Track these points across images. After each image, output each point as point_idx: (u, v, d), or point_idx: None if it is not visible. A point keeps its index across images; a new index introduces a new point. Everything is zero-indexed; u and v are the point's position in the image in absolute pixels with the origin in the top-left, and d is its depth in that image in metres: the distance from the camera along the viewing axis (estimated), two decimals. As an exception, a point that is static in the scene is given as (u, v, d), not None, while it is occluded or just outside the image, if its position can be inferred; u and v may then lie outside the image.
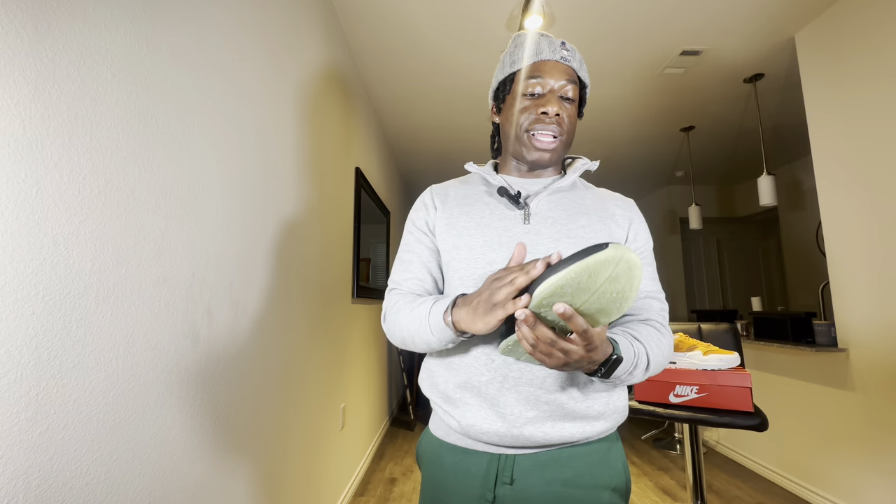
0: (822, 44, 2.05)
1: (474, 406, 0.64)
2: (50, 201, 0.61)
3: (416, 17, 2.06)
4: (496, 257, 0.67)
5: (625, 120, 3.22)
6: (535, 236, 0.68)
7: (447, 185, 0.80)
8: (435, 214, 0.74)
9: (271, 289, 1.31)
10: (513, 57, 0.72)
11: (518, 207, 0.70)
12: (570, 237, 0.68)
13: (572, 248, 0.67)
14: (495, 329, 0.56)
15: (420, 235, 0.75)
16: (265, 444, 1.26)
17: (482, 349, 0.65)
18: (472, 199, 0.74)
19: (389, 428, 3.47)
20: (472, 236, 0.69)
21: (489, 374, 0.63)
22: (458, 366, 0.67)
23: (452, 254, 0.70)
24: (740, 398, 1.33)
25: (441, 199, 0.76)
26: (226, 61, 1.07)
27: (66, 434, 0.63)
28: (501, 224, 0.69)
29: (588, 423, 0.64)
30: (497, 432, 0.62)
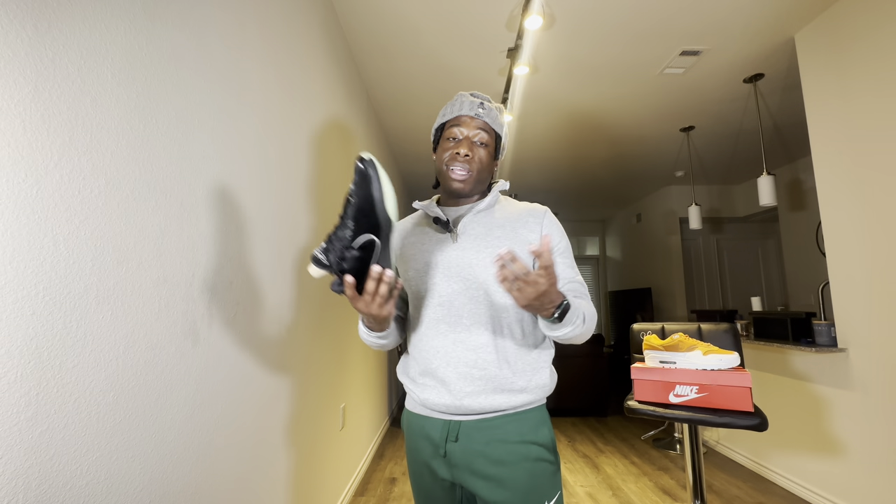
0: (822, 44, 2.05)
1: (430, 385, 0.84)
2: (50, 201, 0.61)
3: (416, 17, 2.06)
4: (434, 272, 0.86)
5: (625, 120, 3.22)
6: (461, 251, 0.86)
7: (405, 221, 0.99)
8: (397, 248, 0.94)
9: (271, 289, 1.31)
10: (444, 111, 0.93)
11: (448, 230, 0.89)
12: (489, 247, 0.85)
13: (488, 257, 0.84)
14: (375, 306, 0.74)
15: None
16: (265, 443, 1.26)
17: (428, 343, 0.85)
18: (417, 231, 0.94)
19: (389, 428, 3.47)
20: (417, 260, 0.89)
21: (438, 362, 0.84)
22: (420, 358, 0.87)
23: (406, 276, 0.90)
24: (740, 398, 1.33)
25: (400, 234, 0.96)
26: (226, 61, 1.07)
27: (66, 434, 0.63)
28: (437, 247, 0.88)
29: (514, 395, 0.82)
30: (445, 403, 0.82)
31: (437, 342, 0.84)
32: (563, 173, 4.56)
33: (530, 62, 2.43)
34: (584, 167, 4.35)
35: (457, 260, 0.85)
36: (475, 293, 0.84)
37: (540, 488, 0.80)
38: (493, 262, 0.82)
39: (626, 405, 1.50)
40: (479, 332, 0.82)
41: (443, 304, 0.84)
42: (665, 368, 1.44)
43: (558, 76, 2.60)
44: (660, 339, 1.55)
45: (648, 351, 1.53)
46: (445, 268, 0.85)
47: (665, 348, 1.49)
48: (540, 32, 2.15)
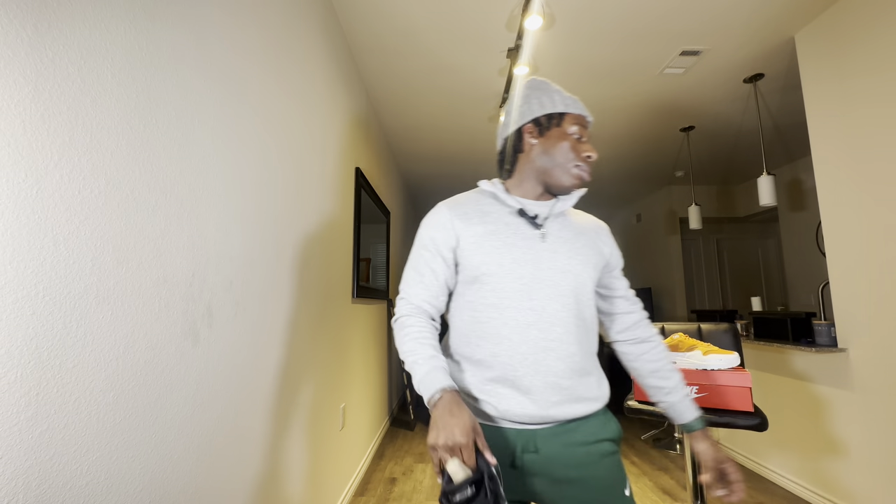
0: (822, 44, 2.05)
1: (507, 395, 0.78)
2: (50, 201, 0.61)
3: (417, 17, 2.06)
4: (523, 272, 0.79)
5: (625, 120, 3.22)
6: (553, 253, 0.82)
7: (461, 204, 0.88)
8: (457, 234, 0.83)
9: (271, 289, 1.31)
10: (564, 99, 0.85)
11: (536, 227, 0.83)
12: (579, 254, 0.84)
13: (579, 264, 0.83)
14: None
15: (438, 254, 0.85)
16: (265, 443, 1.26)
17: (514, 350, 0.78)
18: (492, 219, 0.84)
19: (389, 428, 3.47)
20: (502, 254, 0.80)
21: (523, 370, 0.77)
22: (492, 364, 0.79)
23: (482, 269, 0.81)
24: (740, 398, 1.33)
25: (462, 219, 0.84)
26: (226, 61, 1.07)
27: (66, 434, 0.63)
28: (525, 243, 0.82)
29: (589, 403, 0.81)
30: (528, 414, 0.77)
31: (525, 349, 0.77)
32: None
33: (530, 62, 2.43)
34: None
35: (549, 262, 0.81)
36: (567, 300, 0.80)
37: (618, 480, 0.80)
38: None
39: (625, 405, 1.50)
40: (569, 342, 0.79)
41: (534, 309, 0.79)
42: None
43: (558, 76, 2.60)
44: (660, 339, 1.55)
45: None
46: (536, 268, 0.80)
47: (665, 348, 1.49)
48: (540, 32, 2.15)
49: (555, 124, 0.84)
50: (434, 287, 0.85)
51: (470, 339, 0.82)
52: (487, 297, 0.80)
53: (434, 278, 0.85)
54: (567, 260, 0.82)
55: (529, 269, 0.80)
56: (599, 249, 0.88)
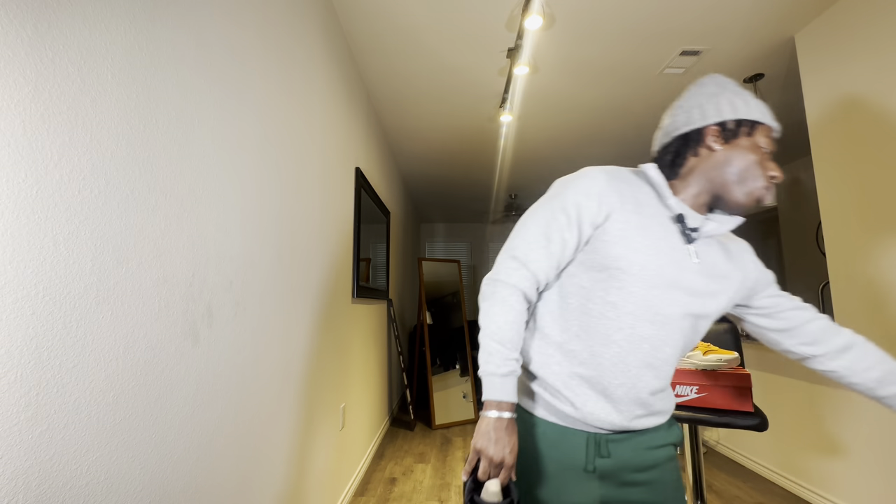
0: (822, 44, 2.05)
1: (593, 398, 0.74)
2: (50, 201, 0.61)
3: (417, 17, 2.06)
4: (659, 283, 0.72)
5: (625, 120, 3.22)
6: (695, 275, 0.75)
7: (620, 180, 0.76)
8: (608, 213, 0.73)
9: (271, 289, 1.31)
10: (760, 108, 0.75)
11: (688, 242, 0.75)
12: (720, 284, 0.77)
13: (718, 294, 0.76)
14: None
15: (577, 225, 0.74)
16: (265, 444, 1.26)
17: (618, 357, 0.73)
18: (646, 213, 0.75)
19: (389, 428, 3.47)
20: (647, 257, 0.72)
21: (622, 380, 0.73)
22: (587, 361, 0.74)
23: (619, 263, 0.72)
24: (740, 398, 1.32)
25: (619, 198, 0.74)
26: (226, 61, 1.07)
27: (66, 434, 0.63)
28: (673, 255, 0.74)
29: (663, 416, 0.80)
30: (612, 422, 0.74)
31: (632, 359, 0.73)
32: (562, 173, 4.56)
33: (530, 62, 2.43)
34: (583, 167, 4.35)
35: (688, 282, 0.74)
36: (685, 324, 0.75)
37: (679, 482, 0.81)
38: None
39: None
40: (671, 363, 0.76)
41: (655, 323, 0.73)
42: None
43: (558, 76, 2.60)
44: (660, 339, 1.55)
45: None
46: (672, 284, 0.73)
47: (665, 348, 1.49)
48: (540, 32, 2.15)
49: (745, 133, 0.74)
50: (557, 258, 0.75)
51: (569, 327, 0.76)
52: (610, 294, 0.73)
53: (562, 249, 0.75)
54: (706, 286, 0.75)
55: (667, 281, 0.72)
56: (743, 278, 0.80)
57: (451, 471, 2.61)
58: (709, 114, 0.75)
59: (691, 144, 0.77)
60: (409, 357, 4.82)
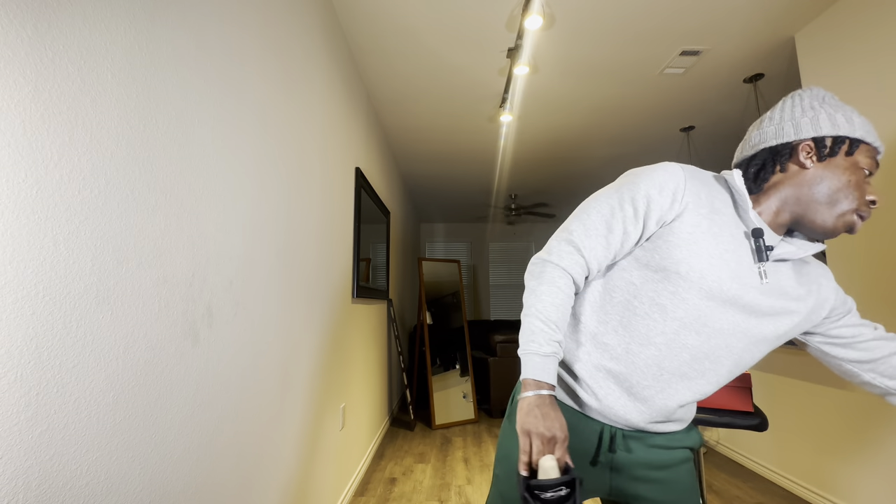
0: (822, 44, 2.05)
1: (616, 393, 0.73)
2: (50, 201, 0.61)
3: (417, 17, 2.06)
4: (716, 295, 0.68)
5: (625, 120, 3.22)
6: (761, 297, 0.70)
7: (698, 180, 0.72)
8: (680, 211, 0.70)
9: (271, 289, 1.31)
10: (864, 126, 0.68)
11: (760, 260, 0.69)
12: (786, 311, 0.71)
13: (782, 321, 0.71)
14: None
15: (642, 219, 0.71)
16: (265, 443, 1.26)
17: (654, 360, 0.71)
18: (720, 221, 0.70)
19: (389, 428, 3.47)
20: (711, 266, 0.68)
21: (652, 382, 0.72)
22: (620, 357, 0.73)
23: (680, 267, 0.69)
24: (740, 398, 1.33)
25: (693, 197, 0.70)
26: (226, 61, 1.07)
27: (66, 434, 0.63)
28: (739, 270, 0.69)
29: (681, 424, 0.80)
30: (628, 420, 0.73)
31: (668, 365, 0.71)
32: (563, 173, 4.56)
33: (530, 62, 2.43)
34: (584, 167, 4.35)
35: (751, 302, 0.69)
36: (735, 343, 0.70)
37: (695, 484, 0.80)
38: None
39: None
40: (709, 380, 0.72)
41: (701, 335, 0.69)
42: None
43: (558, 76, 2.60)
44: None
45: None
46: (730, 300, 0.69)
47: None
48: (540, 32, 2.15)
49: (844, 151, 0.68)
50: (615, 250, 0.72)
51: (609, 320, 0.73)
52: (661, 296, 0.70)
53: (622, 242, 0.72)
54: (769, 308, 0.70)
55: (725, 296, 0.68)
56: (816, 305, 0.74)
57: (451, 471, 2.61)
58: (803, 128, 0.69)
59: (780, 159, 0.71)
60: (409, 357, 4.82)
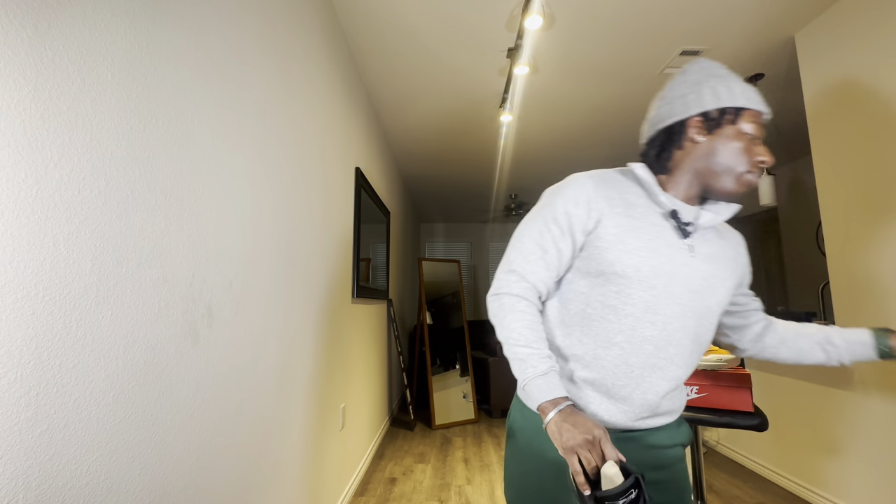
0: (822, 44, 2.05)
1: (597, 400, 0.74)
2: (50, 201, 0.61)
3: (417, 17, 2.06)
4: (657, 283, 0.72)
5: (625, 120, 3.22)
6: (692, 270, 0.74)
7: (608, 184, 0.76)
8: (598, 218, 0.74)
9: (271, 289, 1.31)
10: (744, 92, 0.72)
11: (684, 236, 0.75)
12: (718, 277, 0.76)
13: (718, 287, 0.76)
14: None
15: (569, 234, 0.75)
16: (265, 444, 1.26)
17: (620, 359, 0.73)
18: (639, 213, 0.74)
19: (389, 428, 3.47)
20: (641, 258, 0.72)
21: (626, 381, 0.73)
22: (590, 364, 0.74)
23: (615, 268, 0.72)
24: (740, 398, 1.32)
25: (607, 203, 0.74)
26: (226, 61, 1.07)
27: (66, 434, 0.63)
28: (668, 252, 0.73)
29: (671, 416, 0.79)
30: (615, 422, 0.74)
31: (635, 361, 0.72)
32: (563, 173, 4.56)
33: (530, 62, 2.43)
34: (584, 167, 4.35)
35: (686, 279, 0.73)
36: (689, 322, 0.74)
37: (686, 482, 0.80)
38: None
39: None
40: (678, 364, 0.74)
41: (655, 324, 0.72)
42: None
43: (558, 76, 2.60)
44: (660, 339, 1.55)
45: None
46: (671, 282, 0.72)
47: (665, 348, 1.49)
48: (540, 32, 2.15)
49: (728, 121, 0.72)
50: (555, 268, 0.76)
51: (571, 332, 0.76)
52: (608, 298, 0.73)
53: (558, 259, 0.76)
54: (703, 280, 0.74)
55: (664, 281, 0.72)
56: (739, 271, 0.81)
57: (451, 471, 2.61)
58: (691, 105, 0.73)
59: (675, 138, 0.76)
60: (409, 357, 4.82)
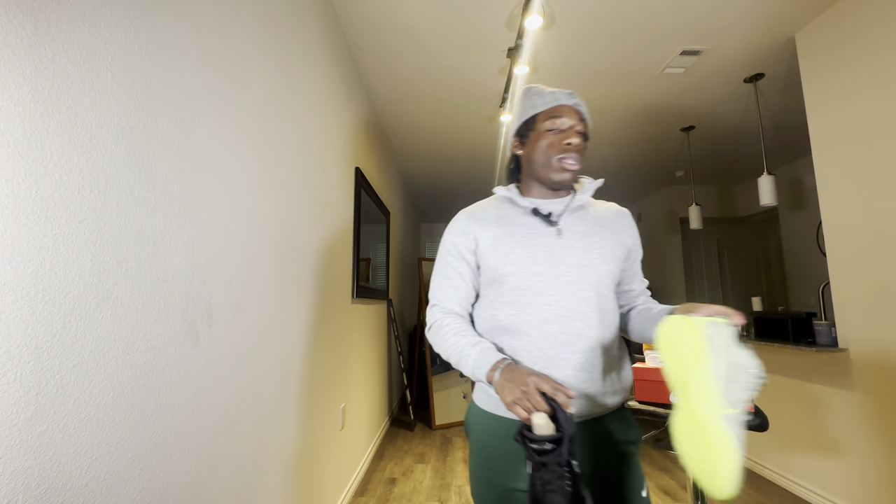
0: (822, 44, 2.05)
1: None
2: (50, 201, 0.61)
3: (417, 17, 2.06)
4: (539, 269, 0.81)
5: (625, 120, 3.22)
6: (570, 249, 0.83)
7: (479, 209, 0.91)
8: (476, 237, 0.87)
9: (271, 288, 1.31)
10: (533, 102, 0.88)
11: (551, 225, 0.85)
12: (597, 248, 0.84)
13: (596, 258, 0.83)
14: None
15: (462, 258, 0.89)
16: (265, 444, 1.26)
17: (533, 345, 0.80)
18: (507, 221, 0.87)
19: (389, 428, 3.47)
20: (517, 254, 0.83)
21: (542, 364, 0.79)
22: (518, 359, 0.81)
23: (500, 269, 0.83)
24: (740, 398, 1.32)
25: (479, 224, 0.88)
26: (226, 61, 1.07)
27: (66, 434, 0.63)
28: (540, 241, 0.83)
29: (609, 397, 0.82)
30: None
31: (544, 343, 0.79)
32: (563, 173, 4.56)
33: (530, 62, 2.43)
34: (584, 167, 4.34)
35: (565, 258, 0.82)
36: (586, 294, 0.81)
37: (636, 481, 0.81)
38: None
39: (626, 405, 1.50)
40: (588, 335, 0.80)
41: (551, 304, 0.80)
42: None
43: (558, 76, 2.59)
44: (660, 339, 1.55)
45: (648, 351, 1.53)
46: (552, 265, 0.81)
47: (665, 348, 1.49)
48: (540, 32, 2.15)
49: (531, 129, 0.88)
50: (463, 290, 0.89)
51: (493, 336, 0.85)
52: (506, 296, 0.83)
53: (462, 281, 0.89)
54: (584, 254, 0.82)
55: (545, 266, 0.81)
56: (621, 240, 0.88)
57: (451, 471, 2.61)
58: (511, 129, 0.93)
59: (514, 158, 0.94)
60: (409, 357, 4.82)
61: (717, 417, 0.57)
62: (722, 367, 0.60)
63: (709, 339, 0.61)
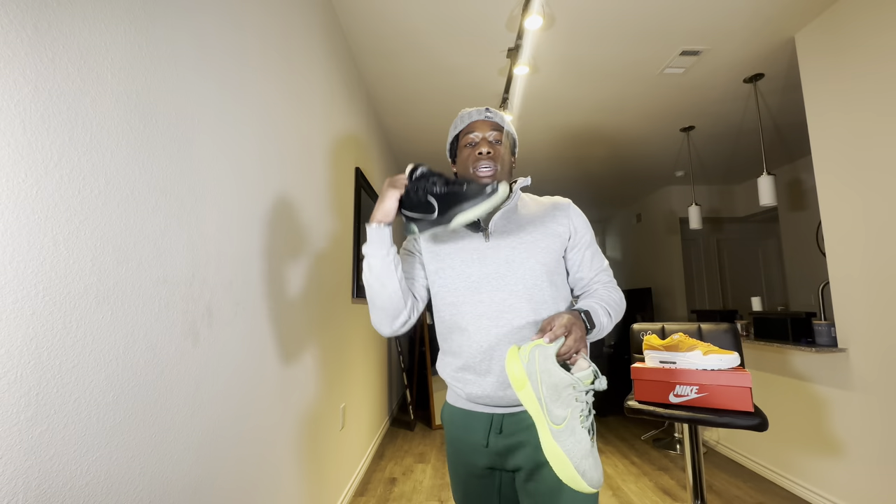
0: (822, 44, 2.05)
1: (471, 380, 0.89)
2: (50, 201, 0.61)
3: (416, 17, 2.06)
4: (471, 271, 0.90)
5: (625, 120, 3.22)
6: (496, 249, 0.91)
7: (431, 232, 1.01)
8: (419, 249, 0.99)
9: (271, 289, 1.31)
10: (455, 125, 0.99)
11: (478, 231, 0.93)
12: (523, 243, 0.91)
13: (523, 253, 0.89)
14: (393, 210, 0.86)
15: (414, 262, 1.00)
16: (265, 444, 1.26)
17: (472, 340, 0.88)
18: (446, 234, 0.96)
19: (389, 428, 3.47)
20: (452, 259, 0.92)
21: (481, 357, 0.87)
22: (458, 353, 0.90)
23: (439, 273, 0.94)
24: (740, 398, 1.32)
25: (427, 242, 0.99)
26: (226, 61, 1.07)
27: (66, 434, 0.63)
28: (471, 245, 0.92)
29: None
30: (487, 395, 0.87)
31: (479, 337, 0.87)
32: (562, 173, 4.56)
33: (530, 62, 2.43)
34: (584, 167, 4.35)
35: (493, 258, 0.89)
36: (515, 288, 0.87)
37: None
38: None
39: (626, 405, 1.50)
40: (520, 326, 0.86)
41: (483, 301, 0.87)
42: (665, 368, 1.44)
43: (558, 76, 2.60)
44: (660, 339, 1.55)
45: (648, 351, 1.53)
46: (482, 265, 0.89)
47: (665, 348, 1.49)
48: (540, 32, 2.15)
49: (456, 148, 0.99)
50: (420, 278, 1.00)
51: (443, 334, 0.95)
52: (447, 297, 0.92)
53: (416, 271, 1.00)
54: (510, 251, 0.89)
55: (476, 267, 0.90)
56: (552, 230, 0.93)
57: (451, 471, 2.61)
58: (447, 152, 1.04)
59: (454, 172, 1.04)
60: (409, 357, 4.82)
61: (546, 435, 0.68)
62: (542, 390, 0.70)
63: (527, 367, 0.71)
